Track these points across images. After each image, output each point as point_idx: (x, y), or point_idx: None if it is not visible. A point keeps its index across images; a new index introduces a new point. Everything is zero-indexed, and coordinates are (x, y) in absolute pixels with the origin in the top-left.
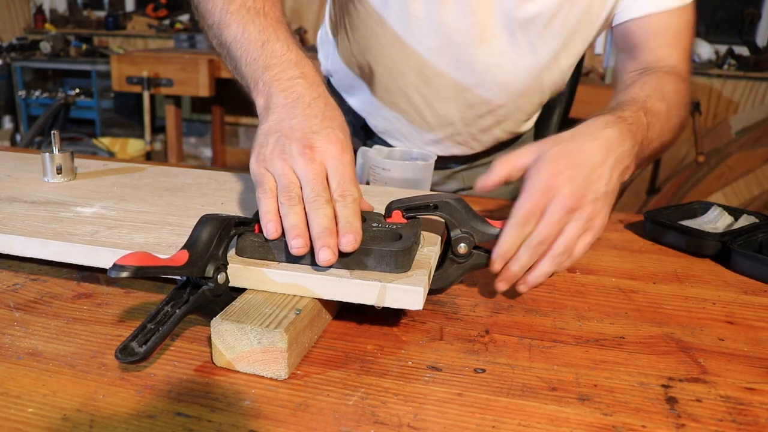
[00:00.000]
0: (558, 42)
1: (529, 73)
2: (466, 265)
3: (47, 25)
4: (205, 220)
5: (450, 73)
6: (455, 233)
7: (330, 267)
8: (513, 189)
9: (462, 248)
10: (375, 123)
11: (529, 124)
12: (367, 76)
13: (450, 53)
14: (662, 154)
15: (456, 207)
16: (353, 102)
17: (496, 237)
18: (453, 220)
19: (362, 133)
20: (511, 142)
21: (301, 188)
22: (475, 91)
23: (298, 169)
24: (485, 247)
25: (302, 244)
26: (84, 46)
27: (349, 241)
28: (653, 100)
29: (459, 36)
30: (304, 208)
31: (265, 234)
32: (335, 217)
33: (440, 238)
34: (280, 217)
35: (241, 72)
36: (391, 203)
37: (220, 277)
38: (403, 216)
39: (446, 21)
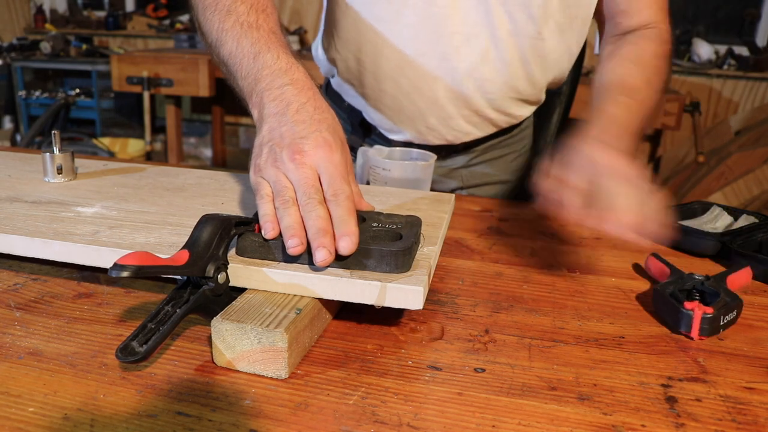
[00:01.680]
0: (536, 11)
1: (509, 43)
2: None
3: (47, 25)
4: (205, 220)
5: (431, 48)
6: None
7: (330, 267)
8: (510, 188)
9: None
10: (372, 116)
11: (526, 110)
12: (354, 68)
13: (428, 27)
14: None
15: None
16: (350, 99)
17: None
18: None
19: (361, 130)
20: (509, 130)
21: (295, 192)
22: (457, 66)
23: (290, 175)
24: None
25: (297, 243)
26: (84, 46)
27: (347, 245)
28: (633, 76)
29: (433, 9)
30: (300, 211)
31: (264, 234)
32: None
33: (441, 237)
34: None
35: (239, 86)
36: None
37: (221, 277)
38: None
39: None
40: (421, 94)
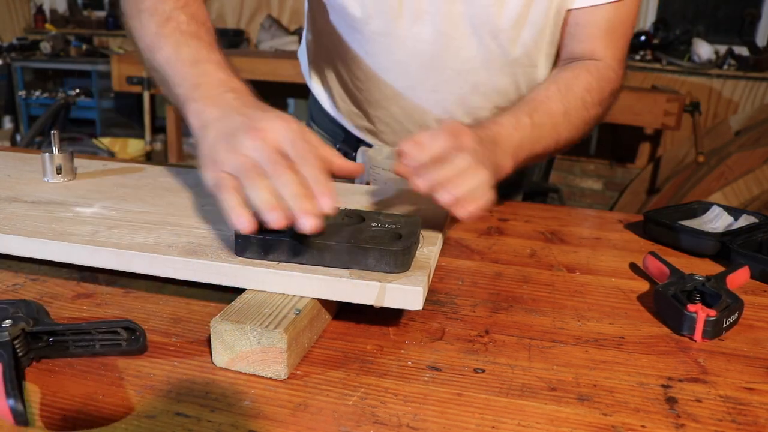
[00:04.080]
0: (530, 40)
1: (504, 72)
2: None
3: (47, 25)
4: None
5: (420, 83)
6: None
7: (329, 267)
8: (510, 188)
9: None
10: (364, 135)
11: None
12: (342, 97)
13: (417, 63)
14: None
15: None
16: (346, 123)
17: None
18: None
19: (354, 139)
20: None
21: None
22: (448, 97)
23: (252, 152)
24: None
25: (278, 215)
26: (84, 46)
27: (327, 203)
28: (553, 100)
29: (422, 45)
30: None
31: (240, 230)
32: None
33: (441, 237)
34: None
35: (174, 93)
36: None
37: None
38: None
39: (409, 35)
40: (414, 121)
